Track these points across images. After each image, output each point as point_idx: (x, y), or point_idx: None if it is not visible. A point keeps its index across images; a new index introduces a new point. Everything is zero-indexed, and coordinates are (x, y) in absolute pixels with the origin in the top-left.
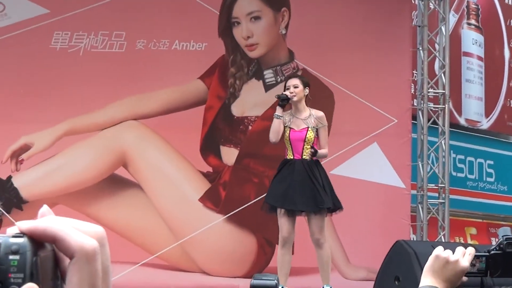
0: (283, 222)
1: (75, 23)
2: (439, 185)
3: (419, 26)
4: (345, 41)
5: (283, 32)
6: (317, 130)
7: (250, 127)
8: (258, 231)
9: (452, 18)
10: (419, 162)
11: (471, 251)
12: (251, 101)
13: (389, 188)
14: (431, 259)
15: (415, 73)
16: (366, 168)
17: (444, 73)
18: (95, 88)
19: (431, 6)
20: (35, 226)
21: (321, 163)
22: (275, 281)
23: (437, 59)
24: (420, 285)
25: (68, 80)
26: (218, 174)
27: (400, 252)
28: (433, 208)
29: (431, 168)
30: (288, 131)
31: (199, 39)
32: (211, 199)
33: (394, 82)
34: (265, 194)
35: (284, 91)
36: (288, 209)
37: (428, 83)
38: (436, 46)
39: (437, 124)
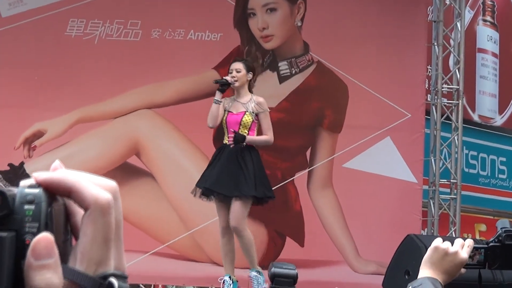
0: (218, 210)
1: (91, 11)
2: (451, 180)
3: (434, 22)
4: (360, 34)
5: (299, 24)
6: (256, 115)
7: None
8: (269, 223)
9: (468, 14)
10: (432, 158)
11: (469, 243)
12: (265, 92)
13: (401, 182)
14: (429, 250)
15: (430, 69)
16: (378, 162)
17: (458, 69)
18: (109, 76)
19: (447, 1)
20: (50, 177)
21: (334, 155)
22: (296, 270)
23: (451, 55)
24: (419, 276)
25: (83, 67)
26: None
27: (411, 246)
28: (445, 204)
29: (443, 164)
30: (226, 114)
31: (214, 30)
32: None
33: (409, 77)
34: (277, 186)
35: (227, 75)
36: (209, 192)
37: (443, 78)
38: (451, 41)
39: (450, 119)
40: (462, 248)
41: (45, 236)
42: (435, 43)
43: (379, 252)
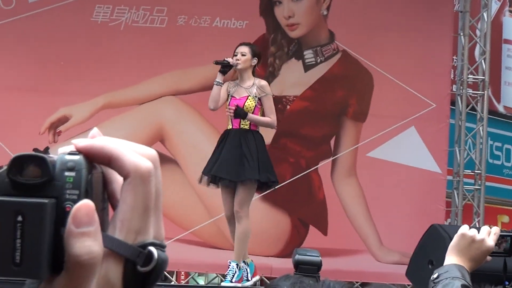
0: (223, 198)
1: None
2: (475, 171)
3: (461, 12)
4: (386, 24)
5: (325, 13)
6: (259, 100)
7: (288, 107)
8: (293, 211)
9: (494, 5)
10: (456, 148)
11: (496, 230)
12: (290, 80)
13: (425, 172)
14: (456, 237)
15: (455, 59)
16: (403, 152)
17: (484, 59)
18: (134, 63)
19: None
20: (91, 144)
21: (358, 144)
22: (320, 257)
23: (477, 45)
24: (445, 263)
25: (108, 53)
26: None
27: (435, 236)
28: (469, 194)
29: (468, 154)
30: (229, 99)
31: (240, 17)
32: None
33: (434, 67)
34: (301, 174)
35: (232, 57)
36: (213, 178)
37: (468, 69)
38: (477, 32)
39: (475, 110)
40: (489, 235)
41: (86, 203)
42: (461, 34)
43: (402, 242)
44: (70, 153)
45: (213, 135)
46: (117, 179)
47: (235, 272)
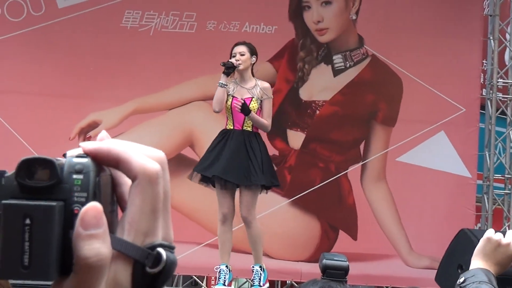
0: (221, 196)
1: (147, 3)
2: (506, 175)
3: (490, 16)
4: (415, 28)
5: (354, 17)
6: (261, 102)
7: (317, 112)
8: (322, 216)
9: None
10: (486, 152)
11: None
12: (319, 85)
13: (455, 177)
14: (482, 241)
15: (485, 63)
16: (432, 156)
17: None
18: (164, 68)
19: None
20: (99, 147)
21: (388, 149)
22: (347, 262)
23: (507, 49)
24: (471, 267)
25: (138, 59)
26: (284, 157)
27: (464, 241)
28: (499, 199)
29: (498, 159)
30: (230, 100)
31: (269, 22)
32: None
33: (464, 71)
34: (330, 179)
35: (230, 58)
36: (217, 179)
37: (498, 73)
38: (507, 36)
39: (505, 114)
40: None
41: (94, 206)
42: (491, 37)
43: (432, 247)
44: (78, 156)
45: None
46: (126, 181)
47: (261, 274)
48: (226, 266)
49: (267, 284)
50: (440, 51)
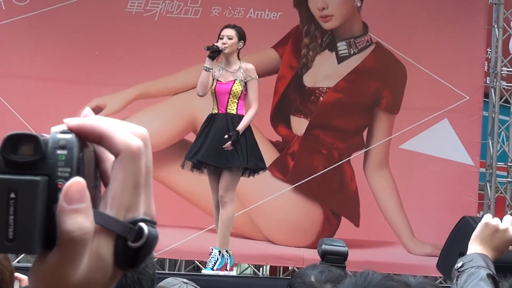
0: (210, 183)
1: None
2: (508, 164)
3: (495, 4)
4: (419, 16)
5: (358, 4)
6: (245, 84)
7: (321, 98)
8: (325, 202)
9: None
10: (489, 140)
11: None
12: (323, 72)
13: (457, 165)
14: (479, 226)
15: (489, 51)
16: (435, 144)
17: None
18: (168, 53)
19: None
20: (82, 123)
21: (391, 136)
22: (346, 247)
23: (511, 38)
24: (468, 252)
25: (142, 44)
26: (287, 144)
27: (466, 228)
28: (501, 187)
29: (501, 147)
30: (214, 84)
31: (274, 8)
32: (279, 169)
33: (468, 59)
34: (333, 166)
35: (217, 41)
36: (201, 164)
37: (502, 61)
38: None
39: (509, 103)
40: None
41: (77, 181)
42: (495, 26)
43: (434, 234)
44: (62, 132)
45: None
46: (109, 157)
47: (217, 259)
48: (219, 251)
49: (233, 272)
50: (444, 39)
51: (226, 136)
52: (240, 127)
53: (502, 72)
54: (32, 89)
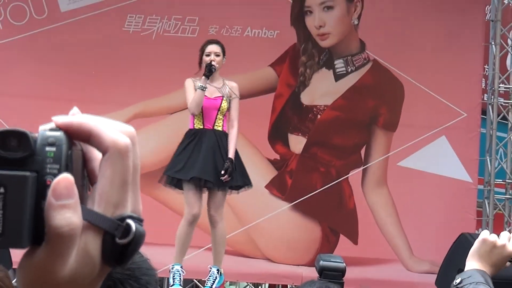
0: (191, 196)
1: (149, 7)
2: (507, 180)
3: (492, 21)
4: (417, 33)
5: (355, 22)
6: (230, 101)
7: (319, 116)
8: (323, 220)
9: None
10: (487, 157)
11: None
12: (320, 90)
13: (456, 182)
14: (477, 243)
15: (487, 68)
16: (433, 161)
17: None
18: (166, 72)
19: (505, 1)
20: (70, 121)
21: (389, 154)
22: (344, 263)
23: (509, 54)
24: (466, 268)
25: (140, 63)
26: (285, 162)
27: (464, 245)
28: (500, 204)
29: (499, 164)
30: None
31: (271, 27)
32: (277, 187)
33: (465, 76)
34: (331, 183)
35: (201, 54)
36: (193, 180)
37: (499, 78)
38: (509, 41)
39: (506, 119)
40: (509, 241)
41: (66, 177)
42: (493, 43)
43: (433, 251)
44: (51, 129)
45: (243, 144)
46: (96, 157)
47: (216, 277)
48: (181, 267)
49: None
50: (441, 56)
51: (222, 172)
52: (231, 153)
53: (499, 89)
54: (29, 108)
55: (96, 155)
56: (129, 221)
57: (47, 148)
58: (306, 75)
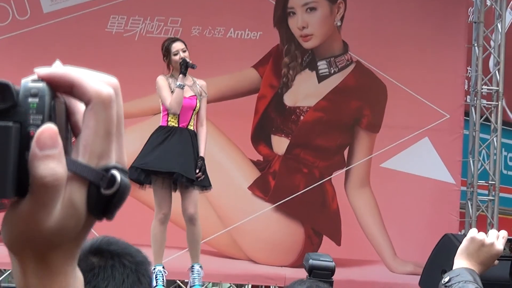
0: (162, 196)
1: (132, 8)
2: (489, 182)
3: (475, 23)
4: (400, 35)
5: (338, 24)
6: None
7: (302, 117)
8: (306, 221)
9: (509, 16)
10: (470, 159)
11: (504, 234)
12: (303, 91)
13: (439, 183)
14: (465, 241)
15: (469, 70)
16: (416, 162)
17: (498, 70)
18: (149, 73)
19: (488, 2)
20: (53, 72)
21: (372, 155)
22: (333, 262)
23: (492, 56)
24: (454, 267)
25: (123, 64)
26: (268, 163)
27: (448, 245)
28: (483, 205)
29: (481, 165)
30: None
31: (254, 28)
32: (260, 188)
33: (448, 77)
34: (314, 185)
35: (166, 54)
36: (165, 178)
37: (482, 79)
38: (492, 43)
39: (489, 121)
40: (497, 239)
41: (50, 127)
42: (475, 44)
43: (416, 252)
44: (33, 81)
45: (227, 145)
46: (80, 110)
47: (201, 273)
48: (163, 267)
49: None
50: (424, 58)
51: (197, 170)
52: (203, 151)
53: (482, 90)
54: None
55: (79, 108)
56: (114, 171)
57: (30, 99)
58: (289, 76)
